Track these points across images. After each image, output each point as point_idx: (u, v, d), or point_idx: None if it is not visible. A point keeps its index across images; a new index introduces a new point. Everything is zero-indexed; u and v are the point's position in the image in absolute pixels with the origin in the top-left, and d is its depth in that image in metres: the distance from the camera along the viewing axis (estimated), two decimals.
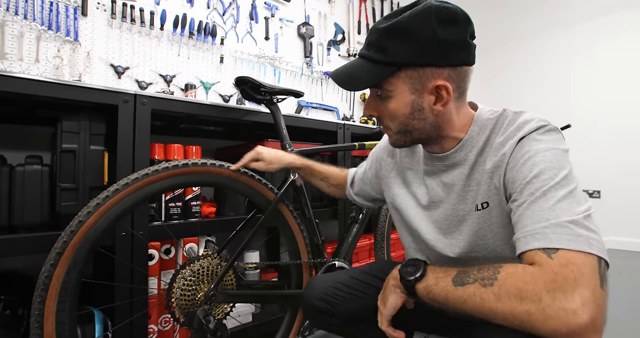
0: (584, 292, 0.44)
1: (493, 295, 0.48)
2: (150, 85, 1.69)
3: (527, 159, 0.57)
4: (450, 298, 0.53)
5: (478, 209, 0.66)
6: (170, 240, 1.14)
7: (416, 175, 0.80)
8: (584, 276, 0.45)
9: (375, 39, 0.63)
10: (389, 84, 0.64)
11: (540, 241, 0.50)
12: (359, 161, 1.77)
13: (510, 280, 0.48)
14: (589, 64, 2.96)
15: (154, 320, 1.09)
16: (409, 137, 0.69)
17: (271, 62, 2.18)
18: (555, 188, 0.53)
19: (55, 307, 0.72)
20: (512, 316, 0.46)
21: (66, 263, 0.74)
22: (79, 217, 0.76)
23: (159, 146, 1.16)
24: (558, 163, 0.55)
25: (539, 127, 0.60)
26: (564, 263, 0.46)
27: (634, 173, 2.73)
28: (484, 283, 0.50)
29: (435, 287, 0.55)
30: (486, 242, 0.66)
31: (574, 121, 2.58)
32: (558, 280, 0.45)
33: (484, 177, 0.65)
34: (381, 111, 0.69)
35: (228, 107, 1.27)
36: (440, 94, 0.63)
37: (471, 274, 0.52)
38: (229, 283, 0.98)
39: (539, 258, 0.49)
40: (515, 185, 0.58)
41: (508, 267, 0.50)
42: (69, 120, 0.94)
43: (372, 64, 0.63)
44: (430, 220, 0.75)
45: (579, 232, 0.49)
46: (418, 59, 0.61)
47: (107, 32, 1.58)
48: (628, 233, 2.74)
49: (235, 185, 1.00)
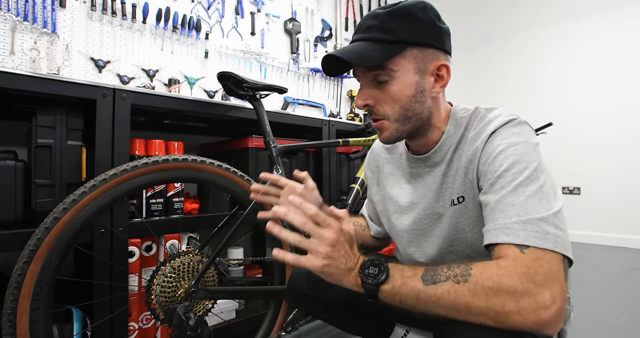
0: (554, 286, 0.46)
1: (468, 291, 0.48)
2: (132, 79, 1.66)
3: (498, 152, 0.59)
4: (422, 298, 0.51)
5: (454, 204, 0.68)
6: (151, 237, 1.12)
7: (397, 180, 0.81)
8: (552, 271, 0.47)
9: (379, 22, 0.63)
10: (394, 64, 0.63)
11: (510, 236, 0.52)
12: (344, 158, 1.78)
13: (486, 275, 0.49)
14: (571, 63, 3.02)
15: (134, 317, 1.08)
16: (407, 126, 0.67)
17: (257, 58, 2.16)
18: (525, 183, 0.55)
19: (29, 305, 0.71)
20: (487, 309, 0.47)
21: (40, 261, 0.72)
22: (54, 214, 0.75)
23: (140, 142, 1.14)
24: (528, 156, 0.57)
25: (509, 121, 0.62)
26: (535, 258, 0.48)
27: (612, 171, 2.81)
28: (457, 280, 0.50)
29: (403, 288, 0.52)
30: (464, 236, 0.68)
31: (555, 119, 2.64)
32: (531, 273, 0.47)
33: (459, 172, 0.67)
34: (379, 98, 0.66)
35: (211, 102, 1.26)
36: (440, 75, 0.66)
37: (441, 272, 0.52)
38: (211, 279, 0.98)
39: (511, 252, 0.50)
40: (487, 178, 0.60)
41: (479, 264, 0.51)
42: (44, 114, 0.92)
43: (378, 43, 0.63)
44: (411, 221, 0.76)
45: (547, 229, 0.51)
46: (422, 39, 0.63)
47: (87, 25, 1.54)
48: (606, 229, 2.82)
49: (217, 181, 1.00)
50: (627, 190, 2.73)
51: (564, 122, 2.95)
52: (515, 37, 3.31)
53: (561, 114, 2.99)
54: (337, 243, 0.54)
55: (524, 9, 3.24)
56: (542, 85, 3.16)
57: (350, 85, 2.75)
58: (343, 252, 0.55)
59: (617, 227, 2.77)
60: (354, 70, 0.68)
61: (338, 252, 0.54)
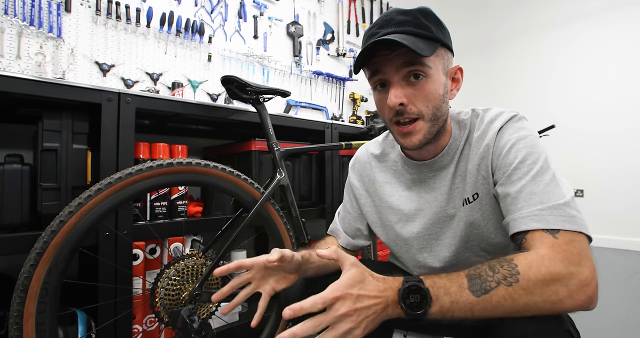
0: (588, 262, 0.50)
1: (523, 291, 0.48)
2: (136, 83, 1.67)
3: (510, 146, 0.62)
4: (477, 310, 0.49)
5: (469, 202, 0.68)
6: (155, 239, 1.13)
7: (394, 188, 0.79)
8: (583, 251, 0.51)
9: (412, 18, 0.62)
10: (431, 61, 0.62)
11: (540, 222, 0.54)
12: (347, 160, 1.78)
13: (534, 269, 0.49)
14: (572, 66, 3.02)
15: (138, 320, 1.08)
16: (436, 127, 0.65)
17: (260, 61, 2.17)
18: (541, 173, 0.58)
19: (35, 308, 0.71)
20: (543, 302, 0.48)
21: (47, 264, 0.73)
22: (60, 217, 0.76)
23: (144, 145, 1.15)
24: (538, 148, 0.61)
25: (511, 117, 0.65)
26: (568, 241, 0.51)
27: (616, 174, 2.80)
28: (508, 283, 0.48)
29: (454, 305, 0.49)
30: (480, 231, 0.69)
31: (558, 121, 2.64)
32: (568, 256, 0.50)
33: (470, 171, 0.67)
34: (412, 96, 0.62)
35: (214, 106, 1.27)
36: (456, 78, 0.68)
37: (487, 277, 0.50)
38: (214, 282, 0.98)
39: (545, 238, 0.52)
40: (502, 170, 0.62)
41: (521, 258, 0.51)
42: (50, 118, 0.93)
43: (418, 37, 0.60)
44: (420, 227, 0.75)
45: (571, 213, 0.54)
46: (447, 41, 0.65)
47: (92, 29, 1.55)
48: (609, 231, 2.81)
49: (221, 185, 1.00)
50: (631, 192, 2.71)
51: (567, 124, 2.94)
52: (517, 41, 3.31)
53: (564, 116, 2.98)
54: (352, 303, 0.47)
55: (524, 13, 3.25)
56: (545, 88, 3.16)
57: (352, 87, 2.76)
58: (365, 302, 0.48)
59: (621, 230, 2.76)
60: (384, 66, 0.63)
61: (361, 303, 0.48)
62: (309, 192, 1.65)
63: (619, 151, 2.78)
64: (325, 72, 2.53)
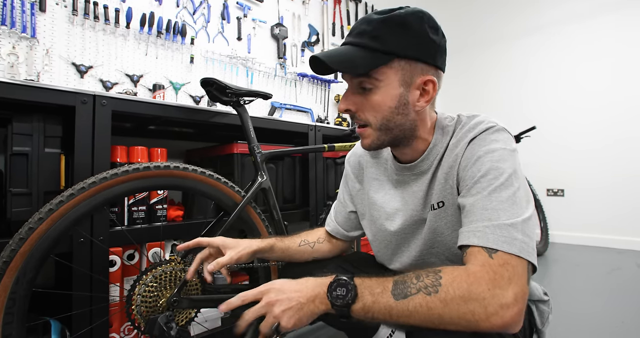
0: (516, 288, 0.48)
1: (440, 302, 0.49)
2: (115, 85, 1.63)
3: (476, 159, 0.61)
4: (394, 314, 0.51)
5: (434, 208, 0.69)
6: (133, 245, 1.10)
7: (382, 185, 0.81)
8: (516, 275, 0.49)
9: (371, 29, 0.62)
10: (380, 74, 0.62)
11: (480, 239, 0.53)
12: (331, 163, 1.78)
13: (456, 284, 0.49)
14: (554, 69, 3.10)
15: (115, 328, 1.06)
16: (389, 135, 0.67)
17: (244, 63, 2.16)
18: (500, 189, 0.56)
19: (2, 319, 0.68)
20: (458, 318, 0.48)
21: (14, 273, 0.70)
22: (29, 224, 0.73)
23: (121, 148, 1.12)
24: (504, 163, 0.59)
25: (488, 128, 0.63)
26: (502, 263, 0.50)
27: (595, 174, 2.88)
28: (428, 292, 0.50)
29: (375, 305, 0.52)
30: (443, 239, 0.69)
31: (539, 123, 2.71)
32: (497, 278, 0.49)
33: (440, 178, 0.68)
34: (362, 105, 0.66)
35: (194, 108, 1.25)
36: (426, 90, 0.65)
37: (411, 284, 0.52)
38: (194, 288, 0.96)
39: (481, 256, 0.52)
40: (465, 183, 0.61)
41: (448, 271, 0.52)
42: (20, 121, 0.90)
43: (366, 51, 0.62)
44: (398, 226, 0.76)
45: (515, 235, 0.52)
46: (412, 52, 0.62)
47: (68, 30, 1.51)
48: (589, 230, 2.89)
49: (201, 188, 0.98)
50: (610, 192, 2.80)
51: (548, 126, 3.02)
52: (490, 48, 3.42)
53: (546, 119, 3.06)
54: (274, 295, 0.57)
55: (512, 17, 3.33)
56: (519, 92, 3.25)
57: (337, 89, 2.76)
58: (288, 294, 0.56)
59: (600, 228, 2.83)
60: (342, 73, 0.67)
61: (284, 295, 0.56)
62: (293, 195, 1.64)
63: (599, 153, 2.87)
64: (310, 74, 2.53)
